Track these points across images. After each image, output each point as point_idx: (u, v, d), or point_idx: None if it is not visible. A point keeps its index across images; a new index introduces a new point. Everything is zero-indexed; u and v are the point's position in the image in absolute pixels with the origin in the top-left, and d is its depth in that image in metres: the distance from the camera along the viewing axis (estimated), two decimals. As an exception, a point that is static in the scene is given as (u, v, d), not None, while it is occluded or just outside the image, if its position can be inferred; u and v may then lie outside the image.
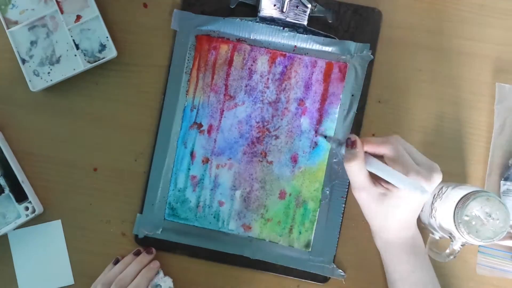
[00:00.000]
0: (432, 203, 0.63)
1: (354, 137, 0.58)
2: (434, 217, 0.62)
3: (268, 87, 0.68)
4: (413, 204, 0.59)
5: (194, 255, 0.68)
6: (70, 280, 0.68)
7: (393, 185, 0.57)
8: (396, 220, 0.59)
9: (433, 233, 0.65)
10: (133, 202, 0.69)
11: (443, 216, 0.60)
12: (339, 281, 0.68)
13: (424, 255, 0.62)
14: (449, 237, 0.61)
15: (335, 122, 0.68)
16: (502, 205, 0.57)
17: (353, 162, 0.57)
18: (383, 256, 0.64)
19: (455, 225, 0.58)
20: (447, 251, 0.60)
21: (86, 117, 0.69)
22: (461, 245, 0.60)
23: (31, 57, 0.67)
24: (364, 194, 0.58)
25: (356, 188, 0.59)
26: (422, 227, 0.67)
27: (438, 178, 0.57)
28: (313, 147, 0.68)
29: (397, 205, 0.58)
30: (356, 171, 0.57)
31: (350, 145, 0.58)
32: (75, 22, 0.67)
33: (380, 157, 0.59)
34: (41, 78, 0.67)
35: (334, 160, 0.68)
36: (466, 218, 0.57)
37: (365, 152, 0.58)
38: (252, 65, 0.68)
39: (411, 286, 0.61)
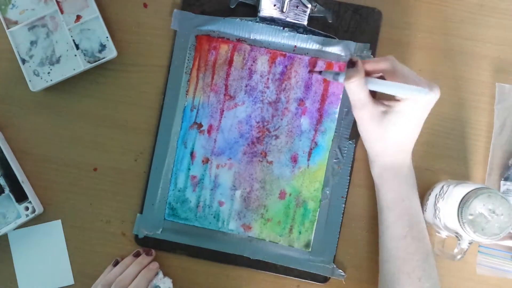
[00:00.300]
0: (435, 204, 0.63)
1: (355, 58, 0.58)
2: (438, 217, 0.62)
3: (268, 87, 0.68)
4: (413, 119, 0.59)
5: (194, 255, 0.68)
6: (70, 280, 0.68)
7: (394, 100, 0.57)
8: (394, 141, 0.60)
9: (439, 233, 0.65)
10: (133, 202, 0.69)
11: (447, 217, 0.60)
12: (339, 281, 0.68)
13: (414, 190, 0.62)
14: (456, 236, 0.61)
15: (335, 122, 0.68)
16: (504, 200, 0.57)
17: (354, 78, 0.57)
18: (376, 182, 0.64)
19: (460, 225, 0.58)
20: (456, 250, 0.60)
21: (86, 117, 0.69)
22: (469, 244, 0.60)
23: (31, 57, 0.67)
24: (365, 112, 0.58)
25: (357, 106, 0.59)
26: (428, 226, 0.67)
27: (437, 90, 0.58)
28: (313, 147, 0.68)
29: (396, 122, 0.58)
30: (357, 87, 0.57)
31: (352, 64, 0.58)
32: (75, 22, 0.67)
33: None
34: (41, 78, 0.67)
35: (334, 160, 0.68)
36: (471, 217, 0.57)
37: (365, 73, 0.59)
38: (252, 65, 0.68)
39: (398, 215, 0.61)
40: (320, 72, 0.62)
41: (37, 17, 0.67)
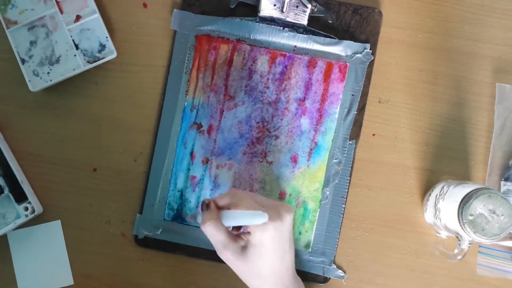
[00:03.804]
0: (435, 204, 0.63)
1: (207, 200, 0.57)
2: (439, 218, 0.62)
3: (268, 87, 0.68)
4: (273, 246, 0.56)
5: (194, 255, 0.68)
6: (70, 281, 0.68)
7: (248, 233, 0.56)
8: (267, 273, 0.57)
9: (439, 233, 0.65)
10: (133, 202, 0.69)
11: (447, 217, 0.60)
12: (339, 282, 0.68)
13: None
14: (456, 236, 0.60)
15: (335, 122, 0.68)
16: (504, 200, 0.57)
17: (208, 221, 0.55)
18: None
19: (461, 226, 0.58)
20: (456, 251, 0.60)
21: (85, 117, 0.69)
22: (469, 244, 0.60)
23: (30, 57, 0.67)
24: (228, 252, 0.56)
25: (220, 249, 0.56)
26: (428, 226, 0.67)
27: (287, 214, 0.56)
28: (313, 147, 0.68)
29: (259, 254, 0.56)
30: (214, 230, 0.55)
31: (206, 207, 0.56)
32: (74, 22, 0.67)
33: None
34: (41, 78, 0.67)
35: (334, 160, 0.68)
36: (471, 218, 0.57)
37: (220, 209, 0.57)
38: (252, 65, 0.68)
39: None
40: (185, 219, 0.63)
41: (37, 17, 0.67)
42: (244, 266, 0.56)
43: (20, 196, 0.66)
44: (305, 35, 0.68)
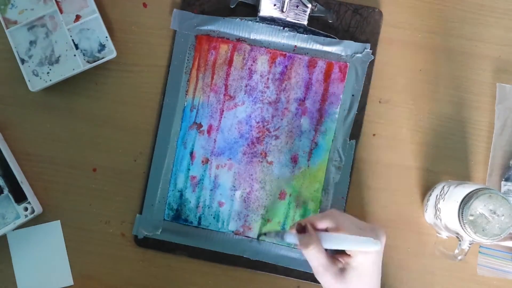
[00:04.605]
0: (436, 204, 0.62)
1: (303, 222, 0.57)
2: (439, 218, 0.62)
3: (268, 87, 0.68)
4: (371, 269, 0.57)
5: (194, 256, 0.68)
6: (69, 281, 0.68)
7: (346, 256, 0.56)
8: None
9: (439, 233, 0.65)
10: (133, 202, 0.69)
11: (448, 217, 0.60)
12: (339, 282, 0.68)
13: None
14: (457, 237, 0.60)
15: (335, 122, 0.68)
16: (505, 200, 0.57)
17: (311, 245, 0.55)
18: None
19: (461, 226, 0.58)
20: (456, 251, 0.60)
21: (85, 117, 0.69)
22: (469, 244, 0.60)
23: (30, 57, 0.67)
24: (329, 276, 0.56)
25: (320, 272, 0.56)
26: (428, 226, 0.67)
27: (384, 238, 0.56)
28: (313, 148, 0.68)
29: (357, 277, 0.56)
30: (316, 253, 0.55)
31: (303, 231, 0.56)
32: (74, 22, 0.67)
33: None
34: (40, 78, 0.67)
35: (334, 160, 0.68)
36: (471, 218, 0.57)
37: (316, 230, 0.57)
38: (252, 65, 0.68)
39: None
40: (265, 234, 0.61)
41: (36, 17, 0.67)
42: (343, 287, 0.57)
43: (19, 196, 0.66)
44: (305, 35, 0.68)
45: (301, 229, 0.57)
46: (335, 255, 0.58)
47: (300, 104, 0.68)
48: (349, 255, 0.57)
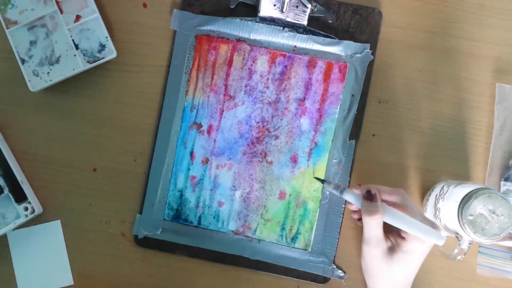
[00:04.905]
0: (435, 204, 0.63)
1: (373, 189, 0.57)
2: (438, 218, 0.62)
3: (268, 87, 0.68)
4: (418, 258, 0.58)
5: (194, 256, 0.68)
6: (70, 281, 0.68)
7: (400, 238, 0.57)
8: (399, 280, 0.58)
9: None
10: (133, 202, 0.69)
11: (447, 217, 0.60)
12: (339, 282, 0.68)
13: None
14: (456, 236, 0.60)
15: (335, 122, 0.68)
16: (504, 200, 0.57)
17: (375, 216, 0.56)
18: None
19: (461, 226, 0.58)
20: (456, 251, 0.60)
21: (85, 117, 0.69)
22: (469, 244, 0.60)
23: (30, 57, 0.67)
24: (379, 250, 0.57)
25: (372, 243, 0.57)
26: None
27: (440, 232, 0.57)
28: (313, 148, 0.68)
29: (404, 262, 0.57)
30: (376, 225, 0.56)
31: (370, 198, 0.57)
32: (74, 22, 0.67)
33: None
34: (41, 78, 0.67)
35: (334, 160, 0.68)
36: (471, 218, 0.57)
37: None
38: (252, 65, 0.68)
39: None
40: (324, 181, 0.61)
41: (37, 17, 0.67)
42: (386, 267, 0.57)
43: (20, 196, 0.66)
44: (305, 35, 0.68)
45: (368, 196, 0.57)
46: (388, 235, 0.58)
47: (299, 104, 0.68)
48: (403, 237, 0.57)
